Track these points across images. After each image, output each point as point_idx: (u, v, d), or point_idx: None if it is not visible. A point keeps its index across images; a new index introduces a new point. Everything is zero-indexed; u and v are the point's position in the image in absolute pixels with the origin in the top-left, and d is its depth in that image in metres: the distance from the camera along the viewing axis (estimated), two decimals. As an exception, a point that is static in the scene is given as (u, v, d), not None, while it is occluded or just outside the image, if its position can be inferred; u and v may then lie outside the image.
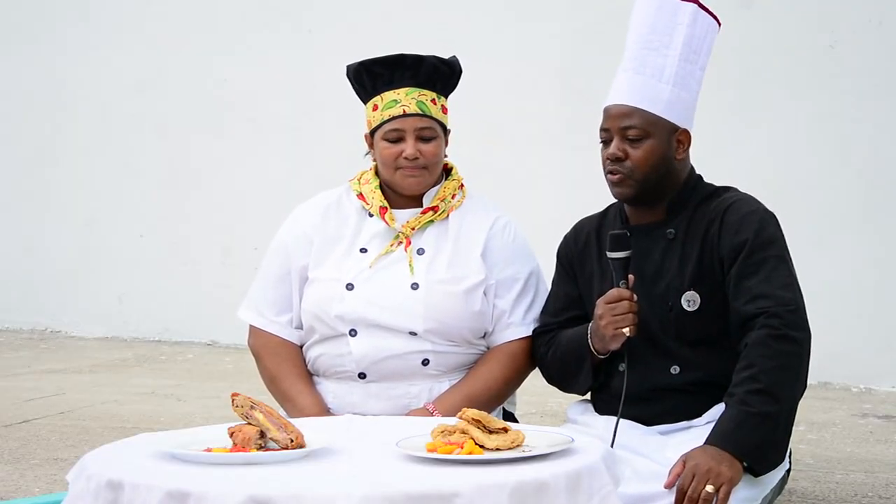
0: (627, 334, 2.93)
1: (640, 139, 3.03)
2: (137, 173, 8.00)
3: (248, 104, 7.75)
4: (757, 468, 2.82)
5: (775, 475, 2.96)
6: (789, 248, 3.04)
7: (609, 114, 3.09)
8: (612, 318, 2.94)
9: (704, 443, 2.79)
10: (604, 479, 2.34)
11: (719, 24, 3.17)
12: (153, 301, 7.92)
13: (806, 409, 5.59)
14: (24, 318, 8.25)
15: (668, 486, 2.74)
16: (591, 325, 3.05)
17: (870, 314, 6.53)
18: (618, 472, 2.46)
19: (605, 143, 3.10)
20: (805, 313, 2.92)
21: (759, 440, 2.79)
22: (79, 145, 8.13)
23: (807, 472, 4.44)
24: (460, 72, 3.36)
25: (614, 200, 3.25)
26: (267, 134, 7.73)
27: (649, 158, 3.03)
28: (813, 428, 5.24)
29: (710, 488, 2.69)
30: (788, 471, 3.12)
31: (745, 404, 2.80)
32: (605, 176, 3.10)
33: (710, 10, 3.15)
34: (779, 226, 3.04)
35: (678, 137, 3.09)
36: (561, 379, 3.22)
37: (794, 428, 2.94)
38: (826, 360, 6.43)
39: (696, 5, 3.12)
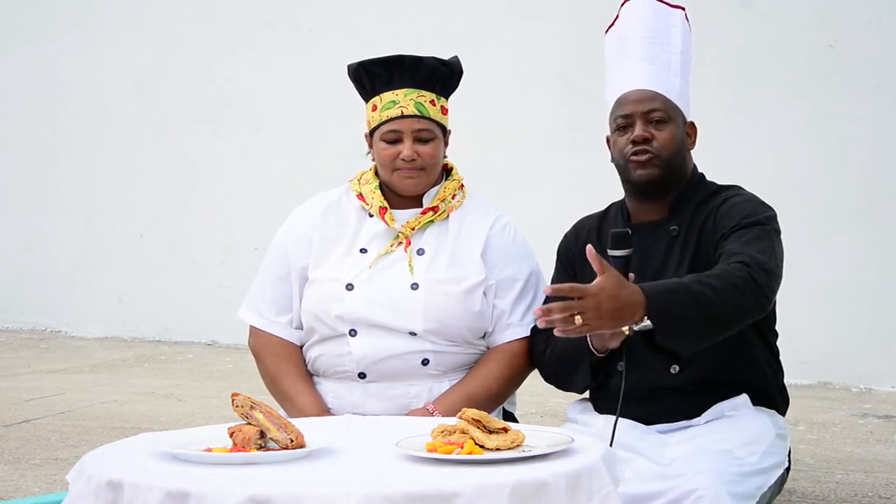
0: (626, 332, 2.93)
1: (664, 121, 3.08)
2: (137, 173, 8.00)
3: (248, 104, 7.76)
4: (656, 331, 2.74)
5: (770, 474, 2.95)
6: (789, 248, 3.04)
7: (629, 99, 3.11)
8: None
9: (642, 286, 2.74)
10: (604, 479, 2.34)
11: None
12: (153, 301, 7.92)
13: (806, 409, 5.63)
14: (24, 318, 8.25)
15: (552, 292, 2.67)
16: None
17: (870, 314, 6.54)
18: (618, 473, 2.46)
19: (623, 128, 3.10)
20: (777, 286, 2.89)
21: (677, 312, 2.73)
22: (79, 145, 8.13)
23: (807, 472, 4.44)
24: (461, 73, 3.35)
25: (615, 199, 3.26)
26: (267, 134, 7.74)
27: (673, 141, 3.08)
28: (813, 428, 5.24)
29: (578, 320, 2.63)
30: (788, 469, 3.12)
31: (690, 283, 2.77)
32: (628, 161, 3.08)
33: (687, 17, 3.23)
34: (776, 217, 3.04)
35: (687, 129, 3.14)
36: (558, 377, 3.21)
37: (794, 428, 2.94)
38: (826, 360, 6.46)
39: (683, 12, 3.23)
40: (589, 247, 2.74)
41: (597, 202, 3.36)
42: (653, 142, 3.07)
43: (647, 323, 2.72)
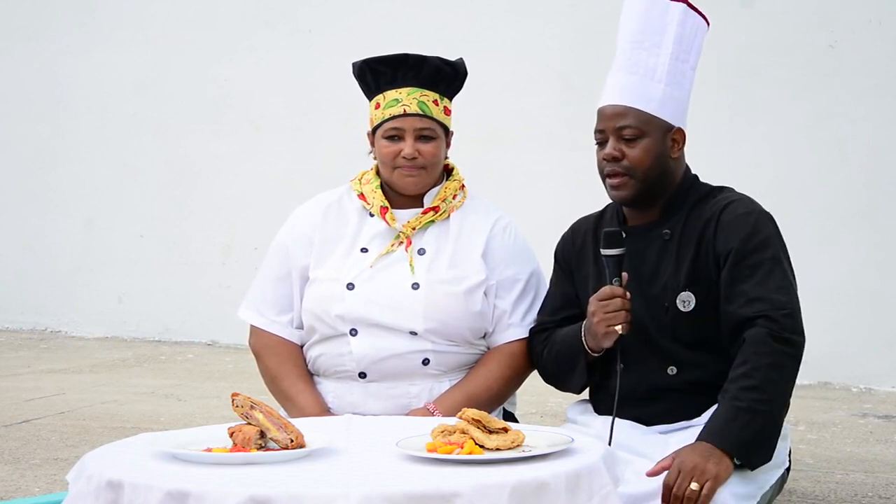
0: (620, 332, 2.93)
1: (636, 138, 3.04)
2: (137, 173, 8.00)
3: (248, 104, 7.76)
4: (745, 464, 2.82)
5: (770, 474, 2.95)
6: (789, 248, 3.04)
7: (603, 114, 3.09)
8: (605, 315, 2.94)
9: (696, 439, 2.80)
10: (604, 479, 2.34)
11: (708, 24, 3.18)
12: (153, 301, 7.92)
13: (806, 409, 5.62)
14: (24, 318, 8.25)
15: (651, 475, 2.75)
16: (584, 322, 3.05)
17: (870, 314, 6.54)
18: (618, 472, 2.46)
19: (601, 144, 3.10)
20: (800, 317, 2.92)
21: (747, 436, 2.78)
22: (79, 145, 8.13)
23: (807, 472, 4.44)
24: (465, 74, 3.35)
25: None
26: (267, 134, 7.74)
27: (646, 157, 3.04)
28: (813, 428, 5.24)
29: (694, 486, 2.69)
30: (788, 469, 3.12)
31: (737, 399, 2.80)
32: (603, 179, 3.10)
33: (699, 9, 3.16)
34: (776, 227, 3.04)
35: (673, 136, 3.09)
36: (556, 377, 3.22)
37: (794, 428, 2.94)
38: (826, 360, 6.46)
39: (685, 4, 3.13)
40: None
41: (597, 202, 3.36)
42: (623, 160, 3.04)
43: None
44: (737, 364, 2.85)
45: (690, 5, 3.14)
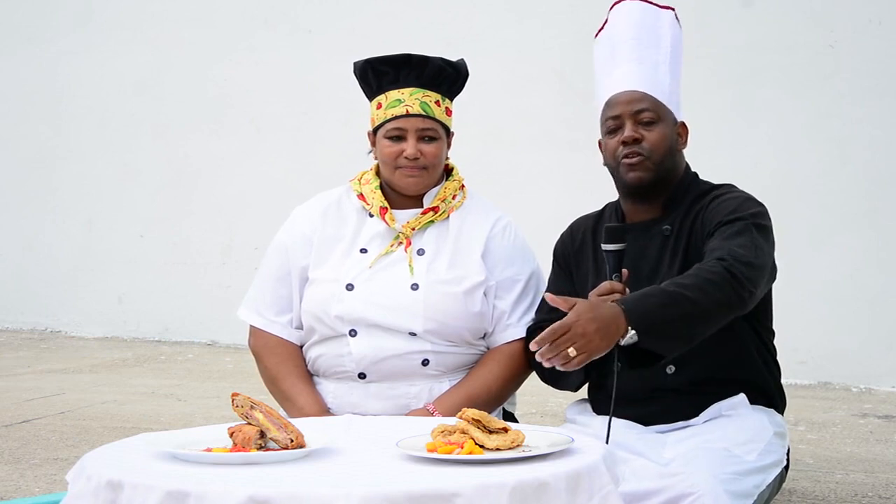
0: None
1: (653, 122, 3.09)
2: (137, 173, 8.00)
3: (248, 104, 7.76)
4: (640, 340, 2.75)
5: (768, 473, 2.94)
6: (789, 248, 3.04)
7: (618, 101, 3.11)
8: None
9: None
10: (604, 479, 2.34)
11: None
12: (153, 301, 7.92)
13: (806, 409, 5.63)
14: (24, 318, 8.25)
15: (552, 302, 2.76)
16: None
17: (870, 314, 6.54)
18: (618, 472, 2.46)
19: (614, 131, 3.10)
20: (759, 277, 2.87)
21: (655, 312, 2.74)
22: (79, 145, 8.13)
23: (807, 472, 4.44)
24: (466, 74, 3.36)
25: (613, 199, 3.26)
26: (267, 134, 7.74)
27: (662, 142, 3.08)
28: (813, 428, 5.24)
29: (571, 351, 2.67)
30: (786, 469, 3.12)
31: (667, 286, 2.78)
32: (619, 163, 3.09)
33: (678, 17, 3.23)
34: (765, 212, 3.02)
35: (678, 130, 3.13)
36: (553, 375, 3.21)
37: (794, 428, 2.94)
38: (826, 360, 6.46)
39: (672, 12, 3.23)
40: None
41: (597, 202, 3.36)
42: (642, 143, 3.07)
43: (632, 334, 2.72)
44: (686, 272, 2.85)
45: (675, 16, 3.22)
